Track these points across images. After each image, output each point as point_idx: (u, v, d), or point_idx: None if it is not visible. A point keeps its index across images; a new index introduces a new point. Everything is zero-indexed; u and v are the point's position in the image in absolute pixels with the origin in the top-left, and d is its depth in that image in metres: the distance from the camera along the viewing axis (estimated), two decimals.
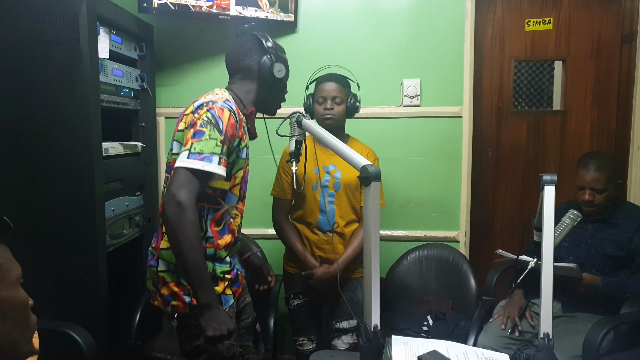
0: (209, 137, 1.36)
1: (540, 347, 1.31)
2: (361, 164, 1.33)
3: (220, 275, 1.49)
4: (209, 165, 1.34)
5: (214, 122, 1.38)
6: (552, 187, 1.37)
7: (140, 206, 2.36)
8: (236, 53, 1.59)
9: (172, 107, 2.61)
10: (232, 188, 1.52)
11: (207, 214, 1.47)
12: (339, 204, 2.04)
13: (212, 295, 1.35)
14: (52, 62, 1.80)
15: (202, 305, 1.33)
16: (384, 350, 1.34)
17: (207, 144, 1.35)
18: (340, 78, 2.02)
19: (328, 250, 2.04)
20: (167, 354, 2.08)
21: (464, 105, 2.50)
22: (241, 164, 1.52)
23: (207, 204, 1.47)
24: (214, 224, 1.48)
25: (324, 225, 2.04)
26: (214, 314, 1.34)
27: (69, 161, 1.85)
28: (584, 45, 2.57)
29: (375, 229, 1.31)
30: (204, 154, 1.34)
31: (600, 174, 1.99)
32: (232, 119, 1.42)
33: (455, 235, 2.57)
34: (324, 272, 2.01)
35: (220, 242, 1.49)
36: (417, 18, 2.50)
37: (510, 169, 2.68)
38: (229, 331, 1.34)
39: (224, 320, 1.35)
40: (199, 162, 1.32)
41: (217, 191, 1.47)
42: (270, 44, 1.56)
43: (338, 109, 1.99)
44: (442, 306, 2.35)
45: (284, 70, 1.56)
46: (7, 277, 0.85)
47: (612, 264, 2.02)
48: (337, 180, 2.03)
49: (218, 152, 1.36)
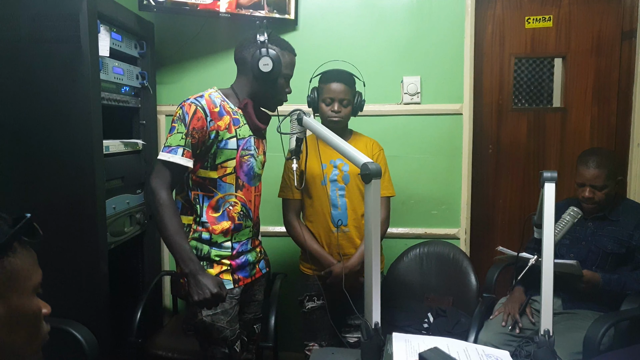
0: (177, 131, 1.51)
1: (540, 343, 1.32)
2: (362, 161, 1.33)
3: (214, 258, 1.60)
4: (174, 157, 1.49)
5: (182, 117, 1.52)
6: (553, 184, 1.38)
7: (141, 204, 2.37)
8: (238, 47, 1.64)
9: (173, 105, 2.61)
10: (224, 177, 1.60)
11: (202, 201, 1.60)
12: (350, 197, 2.02)
13: (192, 264, 1.47)
14: (53, 60, 1.81)
15: (186, 275, 1.46)
16: (384, 347, 1.34)
17: (175, 138, 1.51)
18: (348, 78, 1.99)
19: (344, 246, 2.02)
20: (169, 352, 2.09)
21: (465, 102, 2.50)
22: (228, 154, 1.58)
23: (201, 191, 1.60)
24: (210, 210, 1.61)
25: (337, 220, 2.01)
26: (196, 280, 1.45)
27: (70, 159, 1.85)
28: (584, 42, 2.57)
29: (375, 225, 1.32)
30: (172, 146, 1.50)
31: (600, 170, 1.98)
32: (199, 113, 1.52)
33: (455, 233, 2.58)
34: (342, 268, 1.94)
35: (215, 227, 1.59)
36: (417, 15, 2.49)
37: (510, 166, 2.69)
38: (212, 294, 1.44)
39: (206, 285, 1.45)
40: (167, 154, 1.50)
41: (206, 180, 1.59)
42: (263, 38, 1.57)
43: (345, 110, 1.98)
44: (443, 302, 2.35)
45: (270, 65, 1.56)
46: (24, 285, 0.82)
47: (613, 260, 2.02)
48: (346, 173, 2.02)
49: (182, 144, 1.50)
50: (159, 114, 2.57)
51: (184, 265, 1.47)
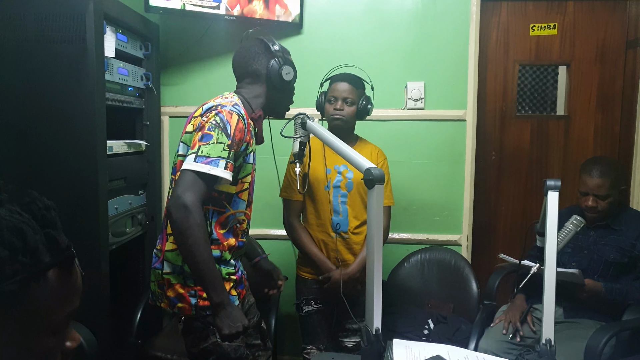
0: (217, 140, 1.36)
1: (542, 352, 1.31)
2: (365, 166, 1.33)
3: (225, 276, 1.50)
4: (215, 169, 1.33)
5: (222, 125, 1.38)
6: (556, 192, 1.37)
7: (143, 205, 2.37)
8: (244, 57, 1.59)
9: (177, 107, 2.62)
10: (240, 193, 1.52)
11: (211, 217, 1.48)
12: (352, 205, 2.02)
13: (224, 293, 1.36)
14: (59, 60, 1.81)
15: (216, 305, 1.34)
16: (385, 354, 1.34)
17: (215, 148, 1.35)
18: (354, 79, 2.00)
19: (342, 251, 2.02)
20: (168, 353, 2.09)
21: (468, 108, 2.50)
22: (248, 169, 1.52)
23: (212, 206, 1.47)
24: (218, 227, 1.49)
25: (337, 225, 2.01)
26: (227, 312, 1.34)
27: (74, 159, 1.85)
28: (588, 50, 2.57)
29: (378, 231, 1.31)
30: (211, 157, 1.34)
31: (604, 180, 1.97)
32: (241, 123, 1.43)
33: (457, 239, 2.57)
34: (342, 274, 1.95)
35: (225, 245, 1.50)
36: (422, 21, 2.50)
37: (513, 173, 2.68)
38: (244, 327, 1.35)
39: (238, 317, 1.36)
40: (205, 165, 1.33)
41: (222, 194, 1.48)
42: (277, 47, 1.57)
43: (348, 109, 1.98)
44: (444, 309, 2.35)
45: (292, 73, 1.57)
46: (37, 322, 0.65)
47: (615, 270, 2.01)
48: (350, 180, 2.02)
49: (225, 157, 1.36)
50: (162, 116, 2.58)
51: (216, 294, 1.33)
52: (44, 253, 0.63)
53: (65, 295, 0.68)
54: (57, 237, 0.66)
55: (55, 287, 0.65)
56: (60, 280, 0.66)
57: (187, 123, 1.50)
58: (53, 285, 0.64)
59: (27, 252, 0.61)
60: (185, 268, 1.45)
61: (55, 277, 0.65)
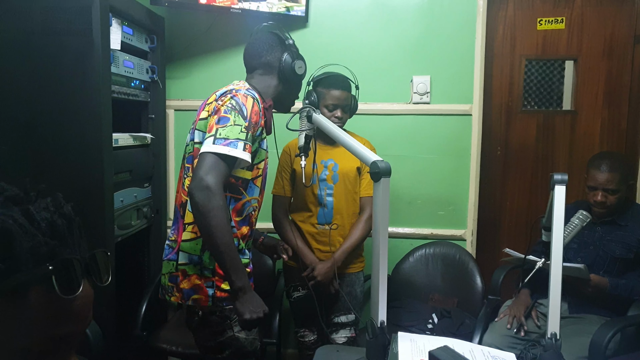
0: (234, 123, 1.36)
1: (547, 347, 1.31)
2: (371, 159, 1.34)
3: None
4: (235, 150, 1.32)
5: (239, 108, 1.38)
6: (563, 186, 1.37)
7: (148, 197, 2.37)
8: (256, 49, 1.60)
9: (182, 100, 2.62)
10: (255, 179, 1.52)
11: (229, 203, 1.47)
12: (337, 197, 2.04)
13: (245, 278, 1.34)
14: (65, 53, 1.81)
15: (238, 289, 1.32)
16: (390, 346, 1.34)
17: (232, 130, 1.34)
18: (347, 83, 2.02)
19: (328, 244, 2.05)
20: (173, 346, 2.10)
21: (474, 103, 2.49)
22: (262, 155, 1.53)
23: (230, 193, 1.46)
24: (235, 214, 1.49)
25: (323, 218, 2.05)
26: (249, 297, 1.33)
27: (80, 151, 1.86)
28: (595, 45, 2.55)
29: (384, 225, 1.31)
30: (230, 139, 1.33)
31: (614, 174, 1.96)
32: (256, 106, 1.44)
33: (462, 234, 2.57)
34: (323, 268, 1.99)
35: (239, 233, 1.50)
36: (428, 14, 2.48)
37: (519, 168, 2.67)
38: (264, 313, 1.34)
39: (260, 303, 1.35)
40: (224, 147, 1.32)
41: (239, 180, 1.48)
42: (291, 41, 1.59)
43: (346, 116, 2.03)
44: (448, 303, 2.35)
45: (304, 67, 1.59)
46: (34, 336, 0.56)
47: (621, 266, 2.00)
48: (335, 172, 2.05)
49: (243, 138, 1.35)
50: (167, 109, 2.58)
51: (238, 279, 1.31)
52: (28, 263, 0.53)
53: (52, 316, 0.56)
54: (57, 250, 0.57)
55: (36, 304, 0.54)
56: (46, 297, 0.54)
57: (201, 110, 1.49)
58: (33, 302, 0.53)
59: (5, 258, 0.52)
60: (204, 258, 1.45)
61: (40, 292, 0.54)
